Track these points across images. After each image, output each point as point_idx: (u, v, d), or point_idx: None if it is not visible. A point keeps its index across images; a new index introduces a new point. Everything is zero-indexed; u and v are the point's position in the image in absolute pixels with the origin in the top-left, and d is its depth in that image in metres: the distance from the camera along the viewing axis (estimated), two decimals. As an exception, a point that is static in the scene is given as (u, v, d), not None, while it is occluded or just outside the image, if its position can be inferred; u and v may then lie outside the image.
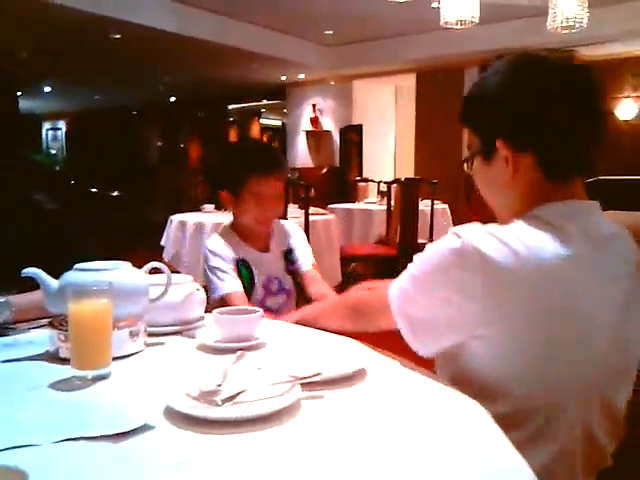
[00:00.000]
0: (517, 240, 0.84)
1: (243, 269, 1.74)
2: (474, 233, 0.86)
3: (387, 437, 0.73)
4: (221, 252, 1.72)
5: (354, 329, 1.14)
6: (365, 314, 1.10)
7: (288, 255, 1.84)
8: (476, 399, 0.82)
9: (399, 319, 0.96)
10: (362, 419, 0.79)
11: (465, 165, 1.04)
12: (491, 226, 0.88)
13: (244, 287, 1.72)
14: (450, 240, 0.88)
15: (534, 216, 0.89)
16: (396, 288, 0.98)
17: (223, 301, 1.62)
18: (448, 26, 4.29)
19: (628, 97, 8.12)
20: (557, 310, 0.85)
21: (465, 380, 0.91)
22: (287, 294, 1.82)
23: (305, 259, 1.85)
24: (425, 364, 0.99)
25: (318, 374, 0.87)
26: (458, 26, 4.23)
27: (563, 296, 0.85)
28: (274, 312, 1.68)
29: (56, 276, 1.08)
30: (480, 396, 0.82)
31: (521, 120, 0.91)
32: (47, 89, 11.22)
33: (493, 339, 0.87)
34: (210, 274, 1.70)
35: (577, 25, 4.15)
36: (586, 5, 4.13)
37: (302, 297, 1.84)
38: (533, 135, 0.91)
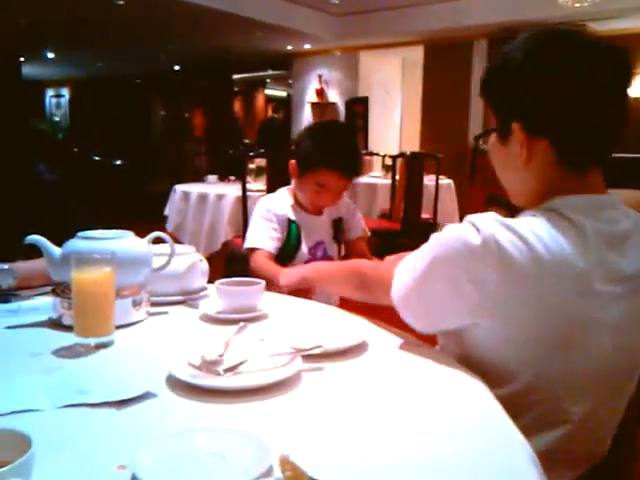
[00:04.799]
0: (534, 236, 0.81)
1: (294, 229, 1.79)
2: (493, 226, 0.83)
3: (387, 409, 0.74)
4: (275, 210, 1.77)
5: (353, 297, 1.16)
6: (368, 286, 1.11)
7: (338, 223, 1.90)
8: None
9: (398, 298, 0.94)
10: (362, 391, 0.80)
11: (480, 140, 1.00)
12: (508, 219, 0.85)
13: (290, 246, 1.78)
14: (469, 231, 0.84)
15: (552, 209, 0.86)
16: (403, 267, 0.95)
17: (248, 251, 1.73)
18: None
19: (641, 74, 7.99)
20: (565, 311, 0.83)
21: (469, 362, 0.90)
22: (330, 261, 1.85)
23: (354, 229, 1.93)
24: (428, 341, 1.00)
25: (319, 346, 0.88)
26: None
27: (575, 297, 0.82)
28: None
29: (59, 245, 1.08)
30: (484, 379, 0.83)
31: (538, 103, 0.87)
32: (50, 55, 11.09)
33: (498, 329, 0.86)
34: (252, 224, 1.77)
35: (590, -2, 4.09)
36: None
37: None
38: (549, 120, 0.87)
